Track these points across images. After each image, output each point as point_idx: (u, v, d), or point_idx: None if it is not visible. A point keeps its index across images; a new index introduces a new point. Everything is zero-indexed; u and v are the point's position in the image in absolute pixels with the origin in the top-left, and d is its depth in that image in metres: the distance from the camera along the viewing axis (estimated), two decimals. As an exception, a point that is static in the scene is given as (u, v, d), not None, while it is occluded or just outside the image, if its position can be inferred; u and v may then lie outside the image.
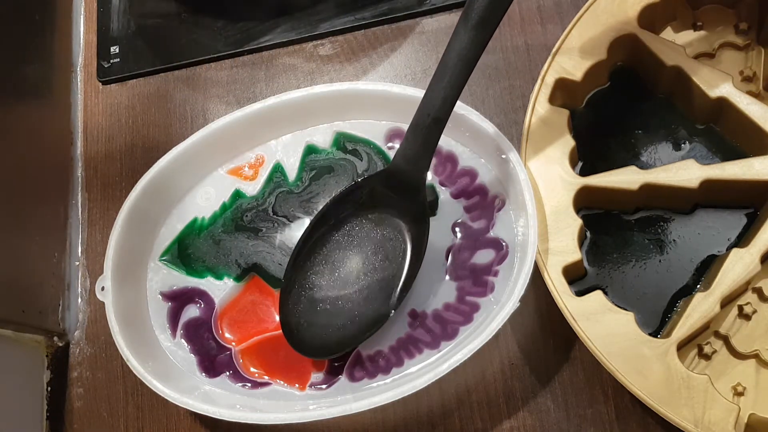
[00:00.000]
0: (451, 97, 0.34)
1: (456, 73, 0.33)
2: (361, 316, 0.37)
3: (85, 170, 0.48)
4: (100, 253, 0.46)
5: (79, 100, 0.50)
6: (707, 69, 0.37)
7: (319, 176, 0.42)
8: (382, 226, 0.38)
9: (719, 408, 0.32)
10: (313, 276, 0.38)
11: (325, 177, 0.41)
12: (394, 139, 0.41)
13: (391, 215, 0.38)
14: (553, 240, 0.36)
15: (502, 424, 0.38)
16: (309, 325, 0.37)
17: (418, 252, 0.37)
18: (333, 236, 0.38)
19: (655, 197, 0.37)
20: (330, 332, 0.37)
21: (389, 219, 0.38)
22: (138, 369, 0.38)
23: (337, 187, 0.41)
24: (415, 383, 0.34)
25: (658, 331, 0.36)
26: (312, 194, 0.41)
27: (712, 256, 0.37)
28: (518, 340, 0.39)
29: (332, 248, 0.38)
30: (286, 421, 0.36)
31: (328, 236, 0.38)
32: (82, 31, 0.51)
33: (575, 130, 0.39)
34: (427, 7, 0.45)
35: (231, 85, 0.47)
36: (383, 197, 0.38)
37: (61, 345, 0.44)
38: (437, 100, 0.34)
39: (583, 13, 0.38)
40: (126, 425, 0.42)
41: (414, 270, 0.37)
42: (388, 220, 0.38)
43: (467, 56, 0.33)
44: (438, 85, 0.34)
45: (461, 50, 0.33)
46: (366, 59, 0.46)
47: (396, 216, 0.38)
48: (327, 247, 0.38)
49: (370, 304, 0.37)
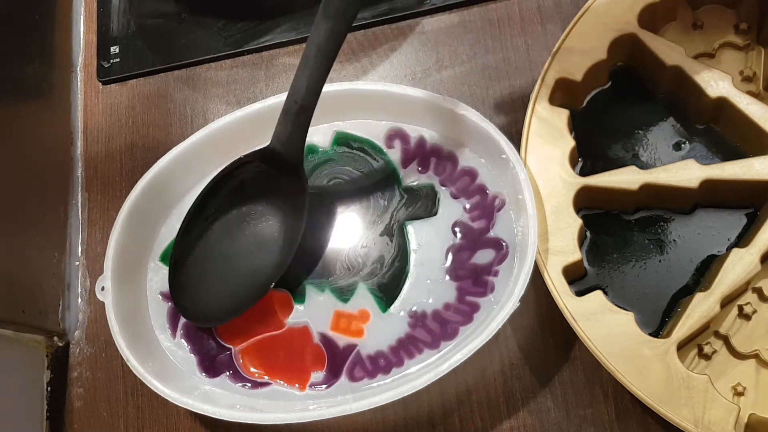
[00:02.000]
0: (314, 88, 0.35)
1: (317, 65, 0.34)
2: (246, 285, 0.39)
3: (85, 170, 0.48)
4: (100, 253, 0.46)
5: (79, 100, 0.50)
6: (707, 69, 0.37)
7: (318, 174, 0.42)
8: (266, 201, 0.40)
9: (719, 408, 0.32)
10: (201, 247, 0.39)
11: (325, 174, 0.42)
12: (394, 139, 0.41)
13: (273, 191, 0.39)
14: (553, 240, 0.36)
15: (502, 424, 0.38)
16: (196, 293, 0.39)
17: (298, 224, 0.39)
18: (219, 209, 0.39)
19: (655, 197, 0.37)
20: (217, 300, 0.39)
21: (272, 194, 0.39)
22: (138, 369, 0.38)
23: (338, 186, 0.41)
24: (415, 383, 0.34)
25: (658, 331, 0.36)
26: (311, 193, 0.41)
27: (712, 256, 0.37)
28: (518, 340, 0.39)
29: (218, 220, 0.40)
30: (286, 421, 0.36)
31: (215, 209, 0.39)
32: (82, 31, 0.51)
33: (575, 130, 0.39)
34: (427, 7, 0.45)
35: (231, 85, 0.47)
36: (266, 174, 0.38)
37: (61, 345, 0.44)
38: (302, 89, 0.35)
39: (583, 13, 0.38)
40: (126, 425, 0.42)
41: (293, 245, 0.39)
42: (271, 195, 0.39)
43: (326, 48, 0.34)
44: (302, 75, 0.35)
45: (320, 43, 0.34)
46: (366, 59, 0.46)
47: (278, 192, 0.39)
48: (213, 220, 0.40)
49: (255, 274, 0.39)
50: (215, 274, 0.40)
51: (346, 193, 0.41)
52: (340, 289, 0.39)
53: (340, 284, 0.40)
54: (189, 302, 0.39)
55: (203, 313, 0.39)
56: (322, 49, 0.34)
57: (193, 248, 0.40)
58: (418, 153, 0.41)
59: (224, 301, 0.39)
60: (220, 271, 0.40)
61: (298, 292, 0.40)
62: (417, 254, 0.39)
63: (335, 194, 0.41)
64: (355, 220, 0.41)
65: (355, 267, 0.40)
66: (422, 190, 0.40)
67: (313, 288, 0.40)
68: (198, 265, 0.39)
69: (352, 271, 0.40)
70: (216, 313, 0.39)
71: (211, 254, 0.40)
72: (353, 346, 0.38)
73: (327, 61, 0.34)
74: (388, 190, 0.41)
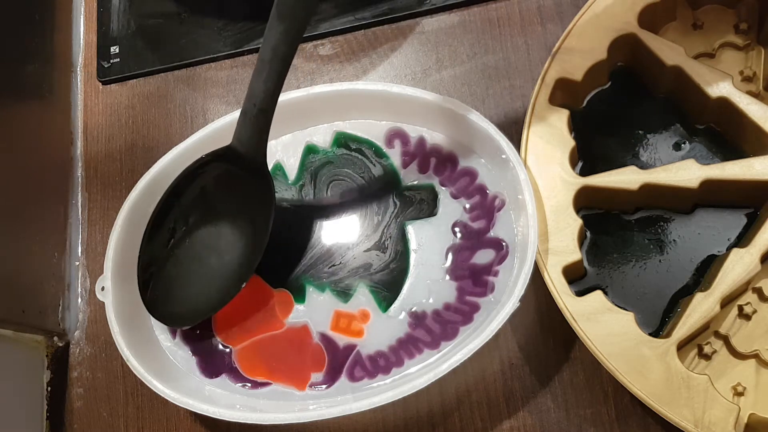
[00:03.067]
0: (272, 90, 0.34)
1: (273, 67, 0.33)
2: (216, 286, 0.39)
3: (85, 170, 0.48)
4: (100, 253, 0.46)
5: (79, 100, 0.50)
6: (707, 69, 0.37)
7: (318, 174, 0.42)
8: (232, 200, 0.39)
9: (719, 408, 0.32)
10: (169, 249, 0.39)
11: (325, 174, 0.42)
12: (394, 139, 0.41)
13: (239, 190, 0.39)
14: (553, 240, 0.36)
15: (502, 424, 0.38)
16: (165, 295, 0.39)
17: (266, 221, 0.38)
18: (184, 210, 0.39)
19: (655, 197, 0.37)
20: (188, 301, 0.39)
21: (237, 193, 0.39)
22: (138, 369, 0.38)
23: (338, 187, 0.41)
24: (415, 383, 0.34)
25: (658, 331, 0.36)
26: (311, 193, 0.41)
27: (712, 256, 0.37)
28: (518, 340, 0.39)
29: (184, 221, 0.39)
30: (286, 421, 0.36)
31: (181, 210, 0.39)
32: (82, 31, 0.51)
33: (575, 130, 0.39)
34: (427, 7, 0.45)
35: (231, 85, 0.47)
36: (231, 174, 0.38)
37: (61, 345, 0.44)
38: (260, 92, 0.34)
39: (583, 13, 0.38)
40: (126, 425, 0.42)
41: (262, 242, 0.38)
42: (237, 195, 0.39)
43: (281, 50, 0.33)
44: (259, 79, 0.34)
45: (275, 45, 0.33)
46: (366, 59, 0.46)
47: (243, 191, 0.39)
48: (179, 220, 0.39)
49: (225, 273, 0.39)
50: (184, 276, 0.39)
51: (347, 194, 0.41)
52: (340, 289, 0.39)
53: (340, 284, 0.40)
54: (159, 304, 0.39)
55: (172, 314, 0.39)
56: (278, 52, 0.33)
57: (160, 250, 0.39)
58: (418, 153, 0.41)
59: (194, 301, 0.39)
60: (189, 272, 0.39)
61: (298, 291, 0.40)
62: (417, 254, 0.39)
63: (335, 195, 0.41)
64: (355, 219, 0.41)
65: (356, 267, 0.40)
66: (422, 190, 0.40)
67: (313, 288, 0.40)
68: (166, 266, 0.39)
69: (352, 271, 0.40)
70: (187, 314, 0.39)
71: (179, 255, 0.39)
72: (353, 346, 0.38)
73: (283, 63, 0.33)
74: (388, 190, 0.41)
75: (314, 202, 0.41)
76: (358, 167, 0.41)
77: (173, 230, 0.39)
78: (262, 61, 0.34)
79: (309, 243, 0.40)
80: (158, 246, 0.39)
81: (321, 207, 0.41)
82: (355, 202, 0.41)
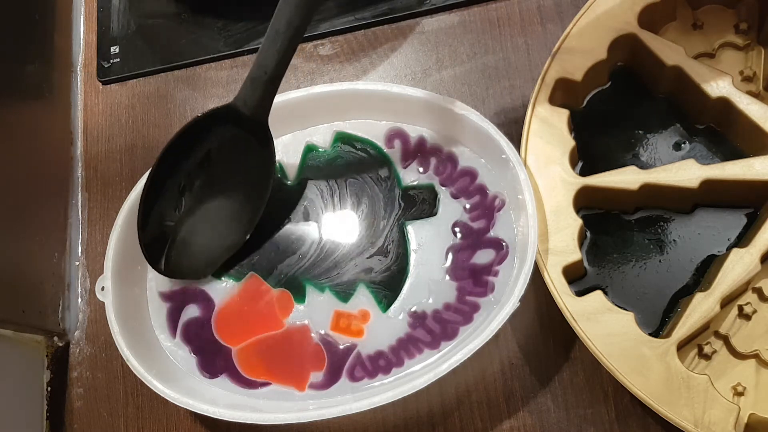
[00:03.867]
0: (284, 61, 0.36)
1: (287, 38, 0.35)
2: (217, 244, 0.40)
3: (85, 170, 0.48)
4: (100, 253, 0.46)
5: (79, 100, 0.50)
6: (707, 69, 0.37)
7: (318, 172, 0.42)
8: (231, 159, 0.40)
9: (719, 408, 0.32)
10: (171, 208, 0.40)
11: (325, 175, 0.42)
12: (394, 139, 0.41)
13: (241, 148, 0.39)
14: (553, 240, 0.36)
15: (502, 424, 0.38)
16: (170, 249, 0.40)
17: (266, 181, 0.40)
18: (185, 168, 0.39)
19: (655, 197, 0.37)
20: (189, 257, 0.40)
21: (240, 151, 0.39)
22: (138, 369, 0.38)
23: (338, 187, 0.41)
24: (415, 383, 0.34)
25: (658, 331, 0.36)
26: (311, 193, 0.41)
27: (712, 256, 0.37)
28: (518, 340, 0.39)
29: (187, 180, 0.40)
30: (286, 421, 0.36)
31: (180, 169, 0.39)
32: (82, 31, 0.51)
33: (575, 130, 0.39)
34: (427, 7, 0.45)
35: (231, 85, 0.47)
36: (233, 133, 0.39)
37: (61, 345, 0.44)
38: (272, 61, 0.35)
39: (583, 13, 0.38)
40: (126, 425, 0.42)
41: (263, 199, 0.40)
42: (240, 154, 0.39)
43: (295, 22, 0.34)
44: (271, 49, 0.35)
45: (290, 17, 0.34)
46: (366, 59, 0.46)
47: (246, 148, 0.39)
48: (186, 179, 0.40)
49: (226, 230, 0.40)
50: (195, 232, 0.40)
51: (347, 194, 0.41)
52: (340, 289, 0.39)
53: (340, 284, 0.40)
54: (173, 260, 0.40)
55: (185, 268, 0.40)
56: (293, 23, 0.34)
57: (163, 205, 0.40)
58: (418, 153, 0.41)
59: (199, 256, 0.40)
60: (198, 229, 0.40)
61: (298, 291, 0.40)
62: (417, 254, 0.39)
63: (335, 195, 0.41)
64: (355, 219, 0.41)
65: (356, 267, 0.40)
66: (422, 190, 0.40)
67: (313, 288, 0.40)
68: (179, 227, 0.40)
69: (352, 271, 0.40)
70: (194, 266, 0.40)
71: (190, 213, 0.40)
72: (353, 346, 0.38)
73: (297, 34, 0.35)
74: (388, 190, 0.41)
75: (314, 202, 0.41)
76: (359, 167, 0.41)
77: (182, 189, 0.40)
78: (276, 31, 0.34)
79: (309, 243, 0.40)
80: (167, 206, 0.40)
81: (321, 207, 0.41)
82: (354, 202, 0.41)
